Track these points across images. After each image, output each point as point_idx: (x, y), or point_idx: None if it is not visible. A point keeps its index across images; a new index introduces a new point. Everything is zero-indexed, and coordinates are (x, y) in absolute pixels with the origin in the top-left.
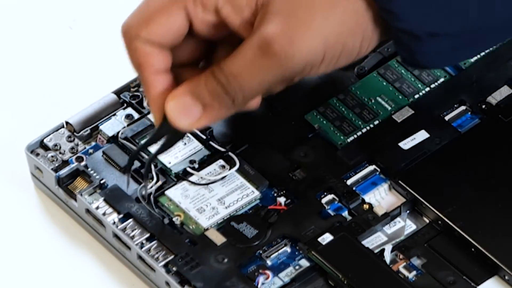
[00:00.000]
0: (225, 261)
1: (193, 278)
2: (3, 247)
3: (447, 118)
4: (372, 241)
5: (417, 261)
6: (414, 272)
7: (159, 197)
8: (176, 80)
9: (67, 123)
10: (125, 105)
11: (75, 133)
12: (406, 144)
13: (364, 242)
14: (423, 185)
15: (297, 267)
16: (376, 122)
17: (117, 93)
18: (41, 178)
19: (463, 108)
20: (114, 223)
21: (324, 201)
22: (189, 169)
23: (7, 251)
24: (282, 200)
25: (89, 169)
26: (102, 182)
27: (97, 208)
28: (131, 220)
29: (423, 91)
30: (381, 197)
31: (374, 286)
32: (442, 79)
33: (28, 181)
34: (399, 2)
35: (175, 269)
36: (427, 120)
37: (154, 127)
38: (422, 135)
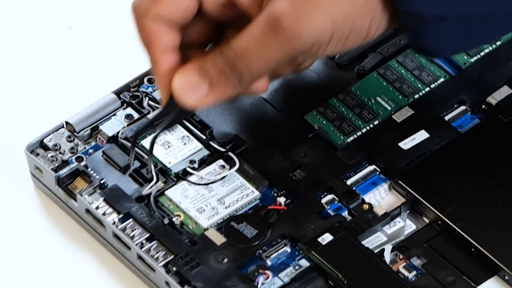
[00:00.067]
0: (225, 261)
1: (193, 278)
2: (3, 247)
3: (447, 118)
4: (372, 241)
5: (417, 261)
6: (414, 272)
7: (159, 197)
8: (184, 61)
9: (67, 123)
10: (125, 105)
11: (75, 133)
12: (406, 144)
13: (364, 242)
14: (423, 185)
15: (297, 267)
16: (376, 122)
17: (117, 93)
18: (41, 178)
19: (463, 108)
20: (114, 223)
21: (324, 201)
22: (189, 169)
23: (7, 251)
24: (282, 200)
25: (89, 169)
26: (102, 182)
27: (97, 208)
28: (131, 220)
29: (423, 91)
30: (381, 197)
31: (374, 286)
32: (442, 79)
33: (28, 181)
34: None
35: (175, 269)
36: (427, 120)
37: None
38: (422, 135)
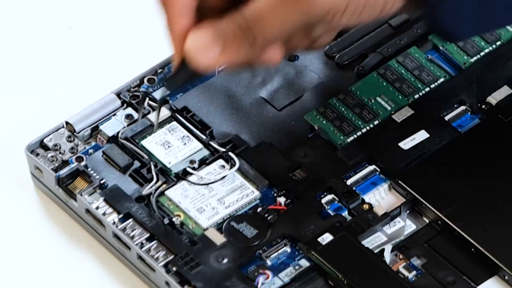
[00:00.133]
0: (225, 261)
1: (193, 278)
2: (3, 247)
3: (447, 118)
4: (372, 241)
5: (417, 261)
6: (414, 272)
7: (159, 197)
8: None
9: (67, 123)
10: (125, 105)
11: (75, 133)
12: (406, 144)
13: (364, 242)
14: (423, 185)
15: (297, 267)
16: (376, 122)
17: (117, 93)
18: (41, 178)
19: (463, 108)
20: (114, 223)
21: (324, 201)
22: (189, 169)
23: (7, 251)
24: (282, 200)
25: (89, 169)
26: (102, 182)
27: (97, 208)
28: (131, 220)
29: (423, 91)
30: (381, 197)
31: (374, 286)
32: (442, 79)
33: (28, 181)
34: None
35: (175, 269)
36: (427, 120)
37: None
38: (422, 135)
